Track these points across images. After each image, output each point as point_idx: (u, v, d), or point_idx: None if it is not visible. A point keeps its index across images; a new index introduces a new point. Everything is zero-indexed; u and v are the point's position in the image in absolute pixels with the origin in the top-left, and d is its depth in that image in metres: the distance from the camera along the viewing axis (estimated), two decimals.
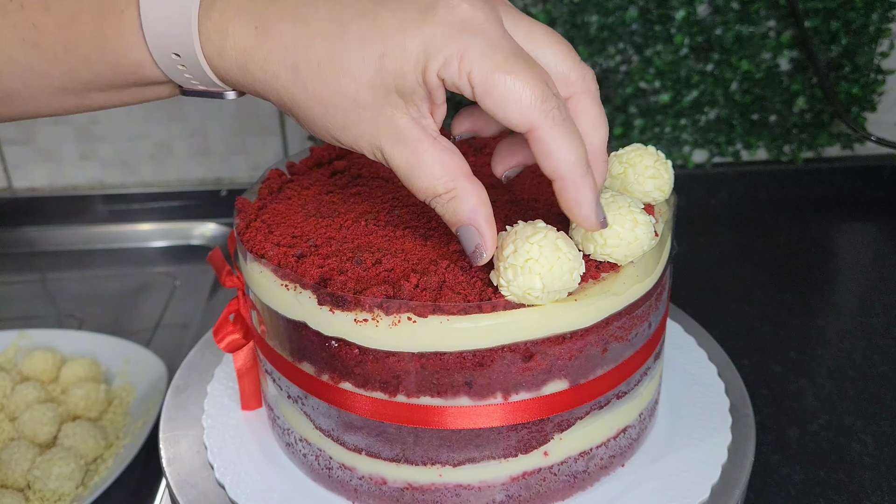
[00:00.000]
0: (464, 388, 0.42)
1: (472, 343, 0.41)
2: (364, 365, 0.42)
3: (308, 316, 0.43)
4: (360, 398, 0.44)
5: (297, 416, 0.48)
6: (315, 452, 0.48)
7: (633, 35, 0.97)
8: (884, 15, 0.97)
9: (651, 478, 0.49)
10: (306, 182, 0.54)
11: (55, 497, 0.60)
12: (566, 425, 0.45)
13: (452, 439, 0.44)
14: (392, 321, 0.40)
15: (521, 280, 0.39)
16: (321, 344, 0.43)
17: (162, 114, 1.01)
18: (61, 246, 1.01)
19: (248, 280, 0.47)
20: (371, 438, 0.45)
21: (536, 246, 0.39)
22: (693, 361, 0.60)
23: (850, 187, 1.06)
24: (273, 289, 0.44)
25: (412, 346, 0.41)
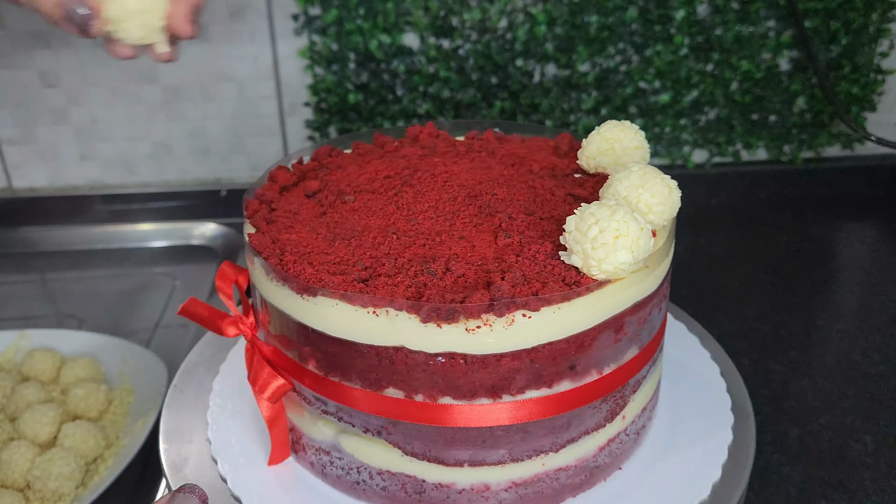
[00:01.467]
0: (568, 374, 0.43)
1: (578, 326, 0.42)
2: (471, 374, 0.42)
3: (407, 338, 0.41)
4: (462, 409, 0.43)
5: (375, 450, 0.46)
6: (401, 481, 0.46)
7: (633, 35, 0.97)
8: (884, 15, 0.97)
9: (652, 477, 0.50)
10: (290, 208, 0.51)
11: (55, 497, 0.60)
12: (637, 387, 0.49)
13: (556, 426, 0.45)
14: (506, 322, 0.40)
15: (613, 257, 0.41)
16: (421, 364, 0.42)
17: (162, 114, 1.01)
18: (61, 246, 1.01)
19: (307, 317, 0.44)
20: (475, 448, 0.44)
21: (622, 222, 0.41)
22: (695, 361, 0.60)
23: (850, 187, 1.06)
24: (354, 318, 0.42)
25: (525, 342, 0.41)
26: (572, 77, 0.98)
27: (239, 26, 0.96)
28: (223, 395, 0.57)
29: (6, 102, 1.00)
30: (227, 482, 0.50)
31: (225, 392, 0.57)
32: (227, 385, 0.58)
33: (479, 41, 0.97)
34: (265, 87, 1.00)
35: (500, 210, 0.49)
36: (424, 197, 0.51)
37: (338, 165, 0.57)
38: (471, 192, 0.51)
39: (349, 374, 0.44)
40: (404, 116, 1.00)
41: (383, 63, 0.97)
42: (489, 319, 0.40)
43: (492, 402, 0.43)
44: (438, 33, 0.96)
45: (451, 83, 0.98)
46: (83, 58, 0.97)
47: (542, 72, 0.99)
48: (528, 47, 0.97)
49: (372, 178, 0.54)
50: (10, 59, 0.97)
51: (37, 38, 0.96)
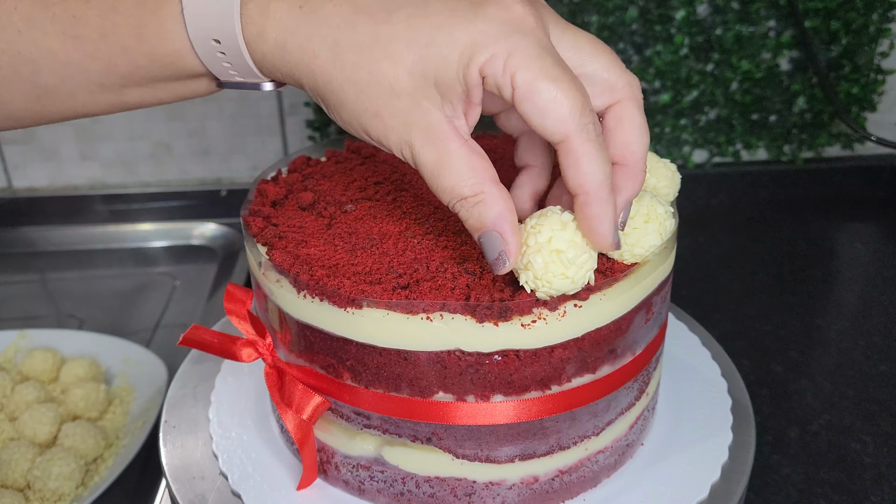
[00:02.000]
0: (608, 358, 0.44)
1: (619, 311, 0.43)
2: (523, 369, 0.42)
3: (463, 340, 0.41)
4: (514, 405, 0.43)
5: (424, 458, 0.46)
6: (450, 485, 0.46)
7: (633, 35, 0.97)
8: (884, 15, 0.97)
9: (651, 477, 0.50)
10: (292, 222, 0.50)
11: (55, 497, 0.60)
12: (657, 362, 0.51)
13: (598, 410, 0.46)
14: (558, 314, 0.41)
15: (645, 240, 0.43)
16: (474, 365, 0.42)
17: (162, 114, 1.01)
18: (61, 246, 1.01)
19: (351, 331, 0.43)
20: (526, 442, 0.45)
21: (650, 207, 0.43)
22: (695, 361, 0.60)
23: (850, 187, 1.06)
24: (405, 327, 0.41)
25: (576, 332, 0.42)
26: None
27: None
28: (225, 392, 0.57)
29: None
30: (228, 479, 0.50)
31: (226, 390, 0.57)
32: (229, 383, 0.58)
33: None
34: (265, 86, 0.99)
35: None
36: (425, 200, 0.51)
37: (322, 175, 0.56)
38: None
39: (396, 384, 0.43)
40: None
41: None
42: (542, 313, 0.41)
43: (542, 394, 0.43)
44: None
45: None
46: None
47: None
48: None
49: (362, 185, 0.53)
50: None
51: None
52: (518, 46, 0.36)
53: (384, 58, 0.37)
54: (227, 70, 0.40)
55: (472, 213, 0.39)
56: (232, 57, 0.39)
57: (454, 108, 0.38)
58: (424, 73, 0.37)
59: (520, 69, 0.36)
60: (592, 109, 0.38)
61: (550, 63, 0.36)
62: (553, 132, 0.37)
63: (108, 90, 0.41)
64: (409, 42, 0.37)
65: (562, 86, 0.36)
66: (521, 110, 0.37)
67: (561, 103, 0.36)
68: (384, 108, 0.38)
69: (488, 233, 0.39)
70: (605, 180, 0.38)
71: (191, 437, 0.54)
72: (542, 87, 0.36)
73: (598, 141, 0.38)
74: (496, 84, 0.37)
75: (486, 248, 0.40)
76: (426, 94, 0.37)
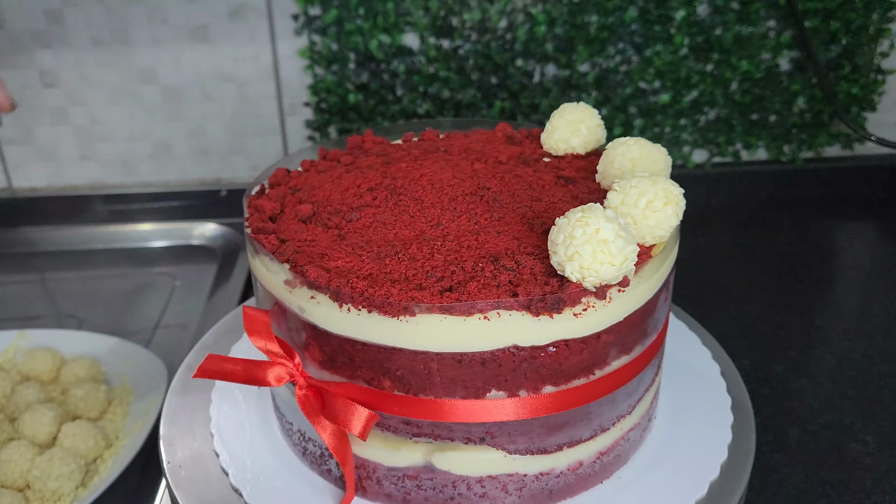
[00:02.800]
0: (640, 337, 0.47)
1: (651, 291, 0.46)
2: (572, 357, 0.43)
3: (519, 336, 0.41)
4: (562, 394, 0.44)
5: (476, 458, 0.46)
6: (502, 482, 0.46)
7: (633, 35, 0.97)
8: (884, 15, 0.97)
9: (651, 477, 0.50)
10: (301, 236, 0.48)
11: (55, 497, 0.60)
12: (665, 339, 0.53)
13: (631, 390, 0.48)
14: (605, 300, 0.42)
15: (665, 222, 0.45)
16: (528, 359, 0.42)
17: (162, 114, 1.01)
18: (61, 246, 1.01)
19: (404, 339, 0.42)
20: (573, 428, 0.46)
21: (666, 189, 0.45)
22: (695, 361, 0.60)
23: (850, 187, 1.06)
24: (462, 329, 0.41)
25: (618, 316, 0.44)
26: (572, 77, 0.98)
27: (239, 26, 0.96)
28: (226, 390, 0.57)
29: None
30: (228, 476, 0.50)
31: (228, 388, 0.58)
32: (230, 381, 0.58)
33: (479, 41, 0.97)
34: (265, 87, 1.00)
35: (509, 202, 0.50)
36: (427, 202, 0.51)
37: (312, 185, 0.55)
38: (464, 190, 0.51)
39: (450, 388, 0.43)
40: (404, 116, 1.00)
41: (383, 63, 0.97)
42: (591, 301, 0.42)
43: (587, 380, 0.44)
44: (438, 33, 0.96)
45: (451, 83, 0.98)
46: (83, 58, 0.97)
47: (542, 72, 0.99)
48: (528, 47, 0.97)
49: (355, 193, 0.52)
50: (10, 59, 0.97)
51: (37, 38, 0.96)
52: None
53: None
54: None
55: None
56: None
57: None
58: None
59: None
60: None
61: None
62: None
63: None
64: None
65: None
66: None
67: None
68: None
69: None
70: None
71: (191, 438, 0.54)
72: None
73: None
74: None
75: None
76: None
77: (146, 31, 0.96)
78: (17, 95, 0.99)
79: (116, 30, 0.96)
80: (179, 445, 0.53)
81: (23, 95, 0.99)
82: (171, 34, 0.96)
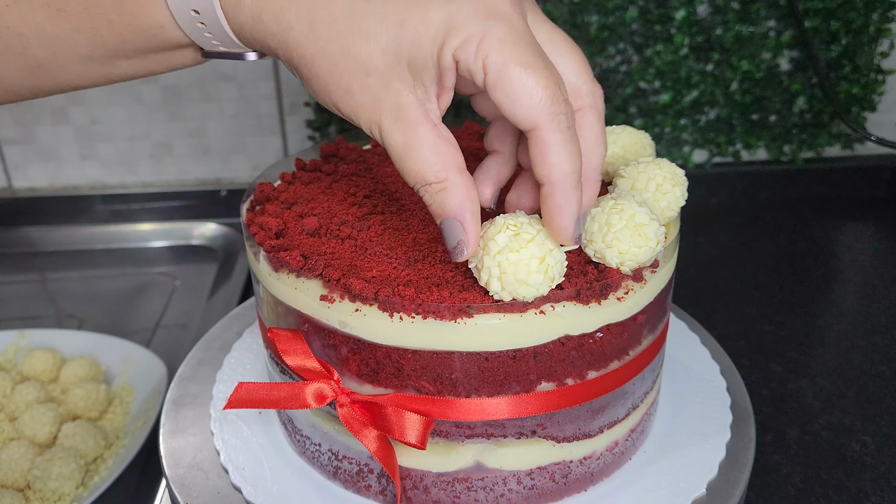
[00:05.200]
0: (662, 315, 0.49)
1: (671, 271, 0.48)
2: (613, 341, 0.44)
3: (571, 325, 0.42)
4: (603, 378, 0.45)
5: (527, 451, 0.46)
6: (550, 472, 0.47)
7: (633, 35, 0.97)
8: (884, 15, 0.97)
9: (650, 476, 0.50)
10: (319, 250, 0.47)
11: (55, 497, 0.60)
12: None
13: (655, 367, 0.50)
14: (642, 282, 0.44)
15: (675, 202, 0.49)
16: (576, 347, 0.43)
17: (162, 114, 1.01)
18: (61, 246, 1.01)
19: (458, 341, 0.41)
20: (612, 409, 0.48)
21: (671, 171, 0.49)
22: (694, 361, 0.60)
23: (850, 187, 1.06)
24: (521, 325, 0.41)
25: (650, 297, 0.45)
26: None
27: None
28: (227, 389, 0.57)
29: None
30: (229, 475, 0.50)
31: (229, 387, 0.58)
32: (230, 381, 0.58)
33: None
34: (265, 87, 1.00)
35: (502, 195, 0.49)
36: None
37: (305, 199, 0.53)
38: None
39: (503, 385, 0.43)
40: None
41: None
42: (629, 285, 0.43)
43: (621, 362, 0.46)
44: None
45: None
46: None
47: None
48: None
49: (353, 202, 0.52)
50: None
51: None
52: (492, 30, 0.35)
53: (357, 33, 0.36)
54: (209, 40, 0.40)
55: (435, 199, 0.39)
56: (212, 27, 0.39)
57: (426, 91, 0.38)
58: (398, 52, 0.36)
59: (492, 53, 0.35)
60: (567, 99, 0.37)
61: (523, 48, 0.36)
62: (523, 119, 0.37)
63: (97, 62, 0.41)
64: (383, 19, 0.36)
65: (534, 72, 0.36)
66: (493, 97, 0.36)
67: (532, 90, 0.36)
68: (355, 85, 0.38)
69: (449, 220, 0.39)
70: (573, 173, 0.38)
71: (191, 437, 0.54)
72: (513, 72, 0.35)
73: (570, 132, 0.37)
74: (468, 68, 0.36)
75: (446, 235, 0.40)
76: (398, 74, 0.37)
77: None
78: None
79: None
80: (180, 445, 0.53)
81: None
82: None
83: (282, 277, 0.45)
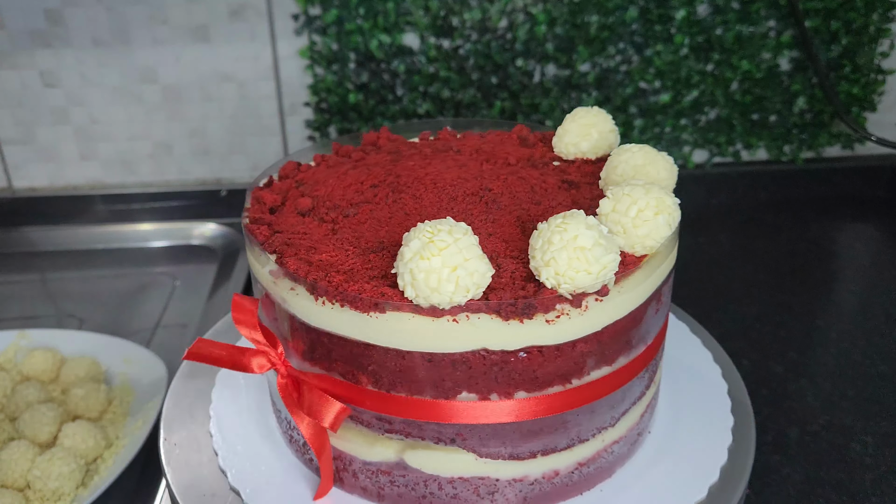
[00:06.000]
0: (625, 349, 0.45)
1: (636, 302, 0.44)
2: (547, 365, 0.42)
3: (489, 340, 0.41)
4: (537, 401, 0.43)
5: (447, 459, 0.46)
6: (473, 485, 0.46)
7: (633, 35, 0.97)
8: (884, 15, 0.97)
9: (651, 477, 0.50)
10: (296, 229, 0.49)
11: (55, 497, 0.60)
12: (661, 352, 0.51)
13: (615, 401, 0.47)
14: (581, 310, 0.41)
15: (656, 232, 0.44)
16: (499, 363, 0.42)
17: (162, 114, 1.01)
18: (61, 246, 1.01)
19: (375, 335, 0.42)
20: (548, 437, 0.45)
21: (658, 199, 0.44)
22: (695, 361, 0.60)
23: (850, 187, 1.06)
24: (432, 329, 0.41)
25: (596, 325, 0.43)
26: (572, 77, 0.98)
27: (239, 26, 0.96)
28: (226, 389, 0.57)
29: (6, 102, 1.00)
30: (227, 476, 0.50)
31: (228, 386, 0.58)
32: (231, 379, 0.58)
33: (479, 41, 0.97)
34: (265, 87, 1.00)
35: (507, 204, 0.49)
36: (426, 201, 0.51)
37: (316, 180, 0.55)
38: (466, 190, 0.51)
39: (420, 386, 0.43)
40: (404, 116, 1.00)
41: (383, 63, 0.97)
42: (565, 309, 0.41)
43: (563, 388, 0.44)
44: (438, 33, 0.96)
45: (451, 83, 0.98)
46: (83, 58, 0.97)
47: (542, 72, 0.99)
48: (528, 47, 0.97)
49: (358, 189, 0.53)
50: (10, 59, 0.97)
51: (37, 38, 0.96)
52: None
53: None
54: None
55: None
56: None
57: None
58: None
59: None
60: None
61: None
62: None
63: None
64: None
65: None
66: None
67: None
68: None
69: None
70: None
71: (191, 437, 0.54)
72: None
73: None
74: None
75: None
76: None
77: (146, 31, 0.96)
78: (18, 95, 0.99)
79: (117, 30, 0.96)
80: (179, 445, 0.53)
81: (23, 95, 0.99)
82: (171, 34, 0.96)
83: (251, 248, 0.48)
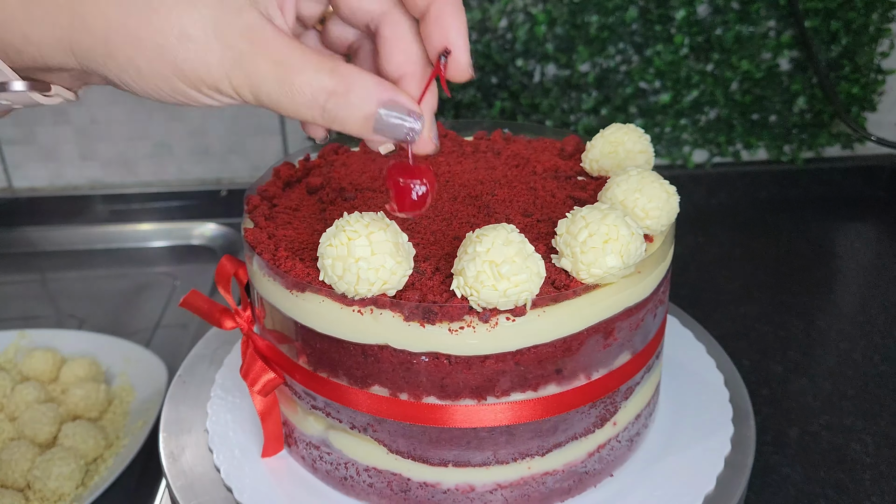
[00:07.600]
0: (554, 377, 0.43)
1: (564, 330, 0.42)
2: (455, 375, 0.42)
3: (390, 337, 0.41)
4: (446, 409, 0.43)
5: (362, 447, 0.46)
6: (386, 478, 0.47)
7: (633, 35, 0.97)
8: (884, 15, 0.97)
9: (651, 477, 0.50)
10: (290, 204, 0.51)
11: (55, 497, 0.60)
12: (629, 393, 0.48)
13: (542, 430, 0.45)
14: (489, 326, 0.40)
15: (602, 261, 0.40)
16: (405, 363, 0.42)
17: (162, 114, 1.01)
18: (61, 246, 1.01)
19: (296, 313, 0.44)
20: (459, 448, 0.44)
21: (612, 226, 0.40)
22: (694, 361, 0.60)
23: (850, 187, 1.06)
24: (339, 316, 0.42)
25: (510, 345, 0.41)
26: (572, 77, 0.98)
27: None
28: (225, 388, 0.57)
29: None
30: (220, 472, 0.50)
31: (227, 385, 0.58)
32: (229, 379, 0.58)
33: (479, 41, 0.96)
34: None
35: (499, 211, 0.49)
36: None
37: (342, 163, 0.57)
38: (471, 192, 0.52)
39: (336, 370, 0.44)
40: None
41: None
42: (472, 322, 0.40)
43: (476, 403, 0.43)
44: None
45: (450, 83, 0.98)
46: None
47: (542, 72, 0.99)
48: (528, 47, 0.97)
49: (375, 176, 0.54)
50: None
51: None
52: None
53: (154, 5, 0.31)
54: None
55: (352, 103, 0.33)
56: None
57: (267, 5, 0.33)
58: None
59: None
60: None
61: None
62: None
63: None
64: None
65: None
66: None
67: None
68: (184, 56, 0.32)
69: (381, 113, 0.34)
70: None
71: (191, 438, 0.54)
72: None
73: None
74: None
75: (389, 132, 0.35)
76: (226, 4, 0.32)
77: None
78: None
79: None
80: (179, 445, 0.53)
81: None
82: None
83: (245, 217, 0.51)
